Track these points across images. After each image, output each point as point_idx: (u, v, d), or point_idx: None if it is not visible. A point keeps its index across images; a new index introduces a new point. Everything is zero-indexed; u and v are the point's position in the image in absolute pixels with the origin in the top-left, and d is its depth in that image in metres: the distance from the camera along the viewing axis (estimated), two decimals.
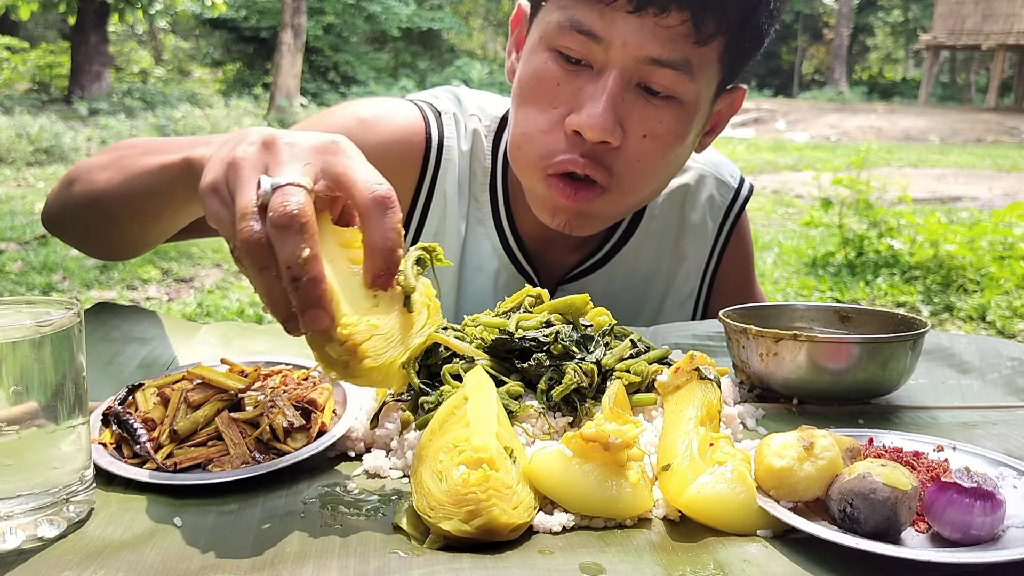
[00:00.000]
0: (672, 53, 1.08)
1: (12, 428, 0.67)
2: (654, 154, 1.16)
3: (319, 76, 20.22)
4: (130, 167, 1.08)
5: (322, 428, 0.84)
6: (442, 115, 1.37)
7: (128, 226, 1.15)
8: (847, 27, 28.98)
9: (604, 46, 1.09)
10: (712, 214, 1.49)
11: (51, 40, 22.83)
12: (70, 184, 1.20)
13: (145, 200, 1.05)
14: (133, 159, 1.08)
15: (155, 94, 16.49)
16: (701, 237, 1.49)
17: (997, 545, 0.65)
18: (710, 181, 1.49)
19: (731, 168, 1.54)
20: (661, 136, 1.14)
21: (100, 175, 1.13)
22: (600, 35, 1.08)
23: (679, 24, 1.07)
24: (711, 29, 1.08)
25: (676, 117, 1.14)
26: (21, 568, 0.63)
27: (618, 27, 1.07)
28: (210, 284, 5.38)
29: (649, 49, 1.08)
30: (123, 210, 1.10)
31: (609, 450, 0.71)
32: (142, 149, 1.11)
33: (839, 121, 18.67)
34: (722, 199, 1.50)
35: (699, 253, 1.49)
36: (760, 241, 6.72)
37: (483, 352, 0.90)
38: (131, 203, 1.08)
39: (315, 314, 0.68)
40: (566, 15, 1.10)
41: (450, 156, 1.35)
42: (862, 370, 0.95)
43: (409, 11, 21.38)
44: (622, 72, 1.10)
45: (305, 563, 0.64)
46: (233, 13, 19.72)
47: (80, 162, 1.23)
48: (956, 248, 5.40)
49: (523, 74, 1.18)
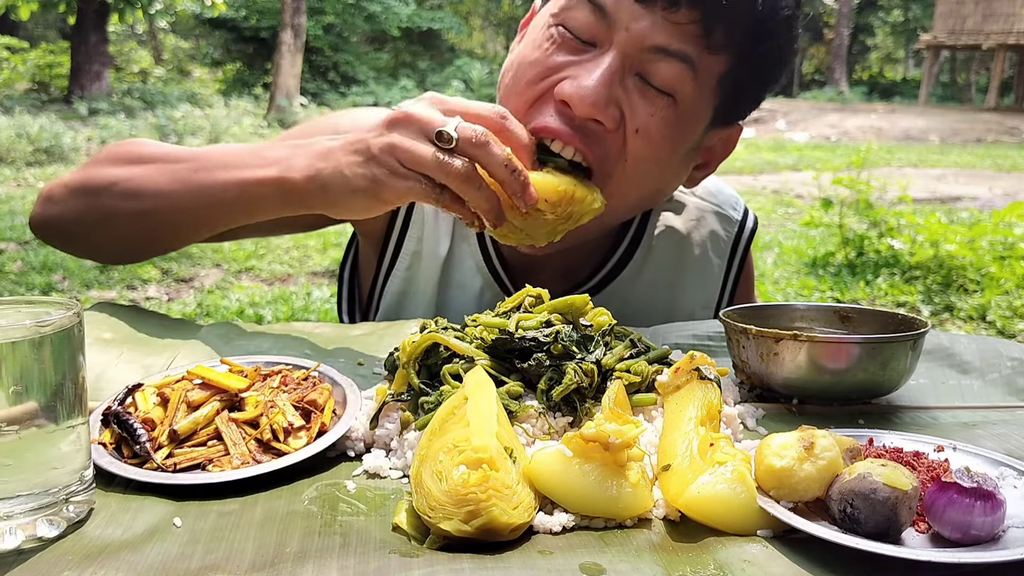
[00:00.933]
0: (679, 44, 1.07)
1: (12, 428, 0.67)
2: (643, 153, 1.12)
3: (319, 76, 20.22)
4: (192, 182, 1.12)
5: (322, 428, 0.84)
6: None
7: (186, 235, 1.21)
8: (847, 27, 28.98)
9: (609, 24, 1.08)
10: (716, 250, 1.44)
11: (51, 40, 22.84)
12: (94, 194, 1.19)
13: (216, 212, 1.13)
14: (187, 174, 1.13)
15: (155, 94, 16.50)
16: (706, 275, 1.44)
17: (997, 545, 0.65)
18: (710, 217, 1.44)
19: (732, 199, 1.49)
20: (651, 133, 1.11)
21: (148, 189, 1.15)
22: (608, 11, 1.07)
23: (688, 23, 1.06)
24: (720, 39, 1.08)
25: (669, 115, 1.11)
26: (21, 568, 0.63)
27: (625, 9, 1.06)
28: (210, 284, 5.38)
29: (655, 38, 1.07)
30: (186, 221, 1.17)
31: (609, 450, 0.71)
32: (189, 164, 1.15)
33: (839, 121, 18.67)
34: (727, 234, 1.45)
35: (705, 292, 1.44)
36: (760, 241, 6.72)
37: (483, 352, 0.90)
38: (196, 215, 1.15)
39: (531, 192, 0.98)
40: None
41: None
42: (862, 370, 0.95)
43: (409, 11, 21.39)
44: (623, 55, 1.08)
45: (305, 563, 0.64)
46: (233, 13, 19.72)
47: (94, 171, 1.22)
48: (956, 248, 5.40)
49: (522, 46, 1.17)
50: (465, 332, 0.94)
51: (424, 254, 1.36)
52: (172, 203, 1.14)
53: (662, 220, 1.41)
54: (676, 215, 1.42)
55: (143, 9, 15.03)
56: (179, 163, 1.16)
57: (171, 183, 1.13)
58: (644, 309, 1.40)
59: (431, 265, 1.35)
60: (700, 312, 1.44)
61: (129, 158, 1.20)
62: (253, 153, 1.11)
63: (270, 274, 5.72)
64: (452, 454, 0.70)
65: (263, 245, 6.23)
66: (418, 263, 1.36)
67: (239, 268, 5.79)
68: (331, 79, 20.40)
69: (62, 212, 1.24)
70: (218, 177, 1.10)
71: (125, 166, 1.19)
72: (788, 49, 1.17)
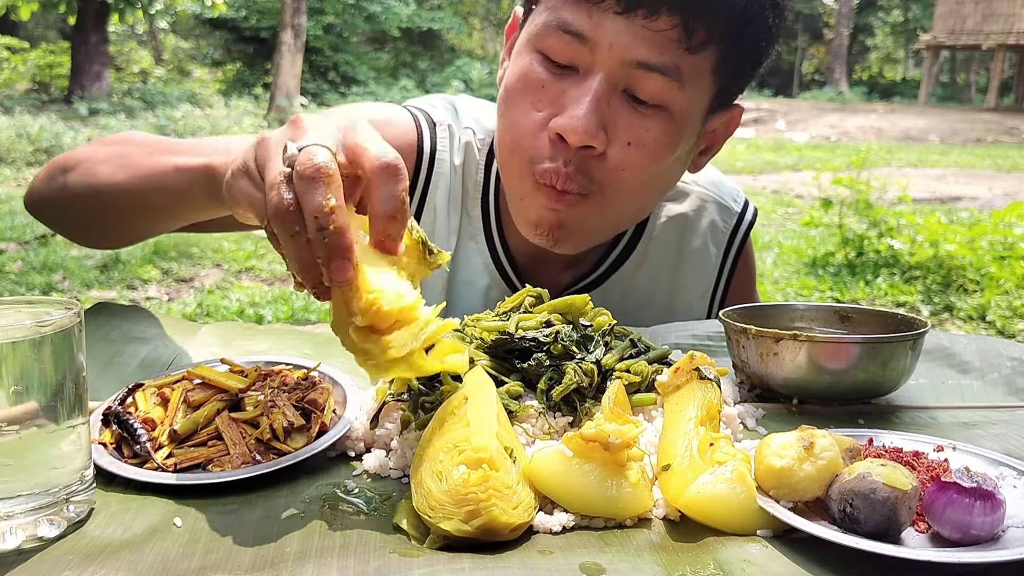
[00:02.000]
0: (660, 57, 1.06)
1: (12, 428, 0.67)
2: (640, 163, 1.12)
3: (319, 76, 20.22)
4: (138, 165, 1.08)
5: (322, 428, 0.84)
6: (436, 126, 1.35)
7: (134, 220, 1.17)
8: (847, 27, 28.98)
9: (590, 47, 1.07)
10: (715, 240, 1.45)
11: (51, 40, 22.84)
12: (63, 172, 1.19)
13: (157, 197, 1.07)
14: (140, 157, 1.09)
15: (155, 94, 16.50)
16: (704, 264, 1.45)
17: (997, 545, 0.65)
18: (711, 207, 1.45)
19: (734, 191, 1.49)
20: (647, 145, 1.11)
21: (102, 168, 1.13)
22: (587, 35, 1.06)
23: (669, 29, 1.05)
24: (702, 36, 1.06)
25: (664, 127, 1.11)
26: (21, 568, 0.63)
27: (605, 28, 1.05)
28: (210, 284, 5.38)
29: (636, 52, 1.06)
30: (130, 205, 1.12)
31: (609, 450, 0.71)
32: (149, 148, 1.12)
33: (839, 121, 18.67)
34: (725, 225, 1.46)
35: (702, 281, 1.46)
36: (760, 241, 6.72)
37: (483, 352, 0.90)
38: (140, 199, 1.10)
39: (340, 264, 0.70)
40: (553, 15, 1.09)
41: (441, 169, 1.34)
42: (862, 370, 0.95)
43: (409, 11, 21.39)
44: (608, 76, 1.08)
45: (305, 563, 0.64)
46: (233, 13, 19.72)
47: (72, 152, 1.22)
48: (956, 248, 5.40)
49: (509, 76, 1.17)
50: (465, 332, 0.94)
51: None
52: (115, 183, 1.11)
53: (665, 210, 1.42)
54: (678, 204, 1.43)
55: (143, 9, 15.04)
56: (143, 147, 1.13)
57: (120, 164, 1.11)
58: (646, 297, 1.42)
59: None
60: (697, 302, 1.46)
61: (105, 141, 1.20)
62: (198, 145, 1.08)
63: (270, 274, 5.72)
64: (452, 454, 0.70)
65: (263, 245, 6.23)
66: None
67: (239, 268, 5.79)
68: (331, 79, 20.40)
69: (39, 189, 1.24)
70: (162, 161, 1.05)
71: (95, 147, 1.19)
72: (778, 23, 1.15)
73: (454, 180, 1.35)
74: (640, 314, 1.42)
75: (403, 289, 0.73)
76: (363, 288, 0.70)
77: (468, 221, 1.36)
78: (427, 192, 1.34)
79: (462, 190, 1.36)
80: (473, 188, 1.36)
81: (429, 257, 0.80)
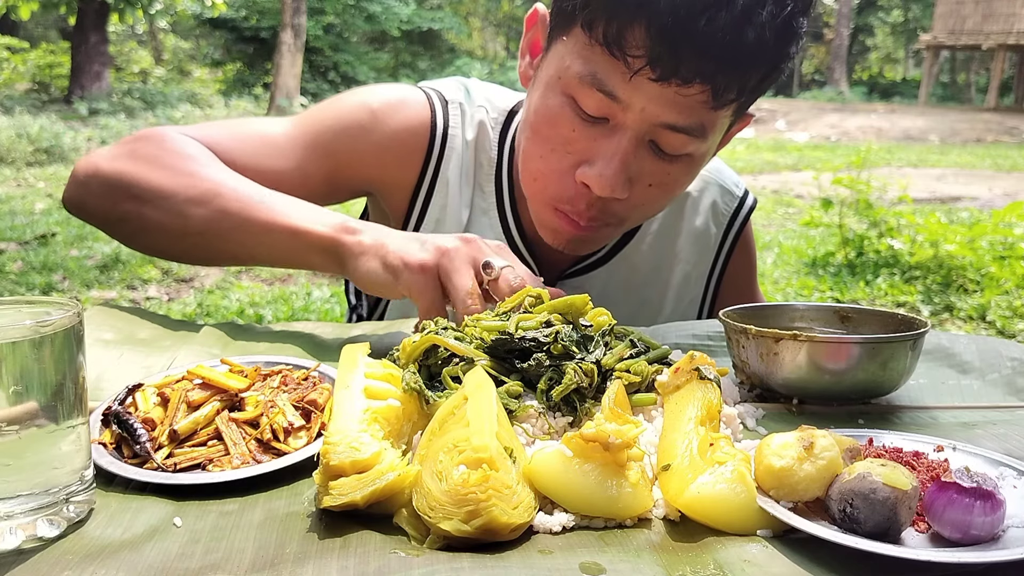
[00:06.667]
0: (688, 120, 1.09)
1: (12, 428, 0.67)
2: (660, 198, 1.21)
3: (319, 76, 20.21)
4: (243, 216, 1.14)
5: (322, 428, 0.83)
6: (449, 104, 1.39)
7: (219, 257, 1.23)
8: (847, 27, 28.96)
9: (623, 107, 1.09)
10: (715, 220, 1.49)
11: (51, 40, 22.84)
12: (131, 200, 1.18)
13: (261, 250, 1.16)
14: (234, 203, 1.15)
15: (155, 94, 16.49)
16: (703, 243, 1.49)
17: (997, 545, 0.65)
18: (714, 188, 1.49)
19: (735, 177, 1.55)
20: (667, 185, 1.18)
21: (194, 211, 1.15)
22: (621, 98, 1.08)
23: (698, 93, 1.07)
24: (731, 96, 1.09)
25: (685, 168, 1.18)
26: (21, 568, 0.63)
27: (640, 93, 1.07)
28: (210, 284, 5.38)
29: (667, 117, 1.09)
30: (223, 246, 1.18)
31: (609, 450, 0.71)
32: (237, 193, 1.16)
33: (839, 121, 18.66)
34: (726, 207, 1.50)
35: (702, 260, 1.50)
36: (760, 241, 6.72)
37: (483, 352, 0.90)
38: (239, 248, 1.18)
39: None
40: (588, 69, 1.09)
41: (454, 145, 1.37)
42: (862, 370, 0.95)
43: (409, 11, 21.39)
44: (636, 134, 1.11)
45: (305, 563, 0.64)
46: (233, 13, 19.72)
47: (133, 170, 1.19)
48: (956, 248, 5.40)
49: (538, 108, 1.17)
50: (465, 332, 0.94)
51: (447, 221, 1.40)
52: (212, 230, 1.16)
53: None
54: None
55: (143, 9, 15.04)
56: (224, 187, 1.17)
57: (217, 209, 1.15)
58: (651, 274, 1.46)
59: (454, 232, 1.37)
60: (696, 280, 1.50)
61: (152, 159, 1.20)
62: (303, 207, 1.16)
63: (270, 274, 5.71)
64: (452, 454, 0.70)
65: None
66: (442, 229, 1.40)
67: (239, 268, 5.79)
68: (331, 79, 20.39)
69: (99, 205, 1.23)
70: (271, 218, 1.13)
71: (156, 171, 1.18)
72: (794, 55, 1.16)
73: (466, 155, 1.39)
74: (646, 290, 1.46)
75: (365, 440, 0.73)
76: (325, 434, 0.74)
77: (481, 196, 1.40)
78: (440, 167, 1.38)
79: (475, 165, 1.40)
80: (487, 164, 1.39)
81: (426, 407, 0.83)
